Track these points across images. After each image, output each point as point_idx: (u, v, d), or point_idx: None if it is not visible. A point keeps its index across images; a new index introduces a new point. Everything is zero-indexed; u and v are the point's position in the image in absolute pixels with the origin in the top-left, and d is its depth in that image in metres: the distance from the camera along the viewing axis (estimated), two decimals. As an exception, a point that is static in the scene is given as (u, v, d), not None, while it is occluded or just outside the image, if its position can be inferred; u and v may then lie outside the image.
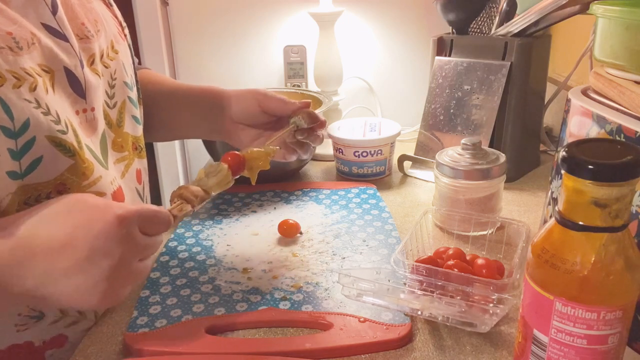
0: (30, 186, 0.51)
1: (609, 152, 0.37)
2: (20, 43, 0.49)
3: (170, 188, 1.43)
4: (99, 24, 0.61)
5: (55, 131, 0.51)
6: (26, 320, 0.54)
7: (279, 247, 0.70)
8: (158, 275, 0.64)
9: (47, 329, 0.56)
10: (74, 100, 0.55)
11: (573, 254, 0.38)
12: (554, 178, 0.60)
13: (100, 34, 0.61)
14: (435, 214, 0.74)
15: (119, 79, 0.63)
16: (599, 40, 0.56)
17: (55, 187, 0.52)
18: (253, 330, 0.55)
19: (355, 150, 0.90)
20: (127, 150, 0.65)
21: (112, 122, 0.62)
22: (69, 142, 0.52)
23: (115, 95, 0.63)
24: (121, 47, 0.65)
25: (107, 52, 0.62)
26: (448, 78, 0.92)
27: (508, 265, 0.60)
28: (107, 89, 0.61)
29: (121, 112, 0.64)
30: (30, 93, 0.49)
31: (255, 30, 1.28)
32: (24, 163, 0.49)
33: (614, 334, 0.39)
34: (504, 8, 0.88)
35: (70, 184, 0.53)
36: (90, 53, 0.58)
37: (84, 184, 0.54)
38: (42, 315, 0.55)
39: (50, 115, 0.51)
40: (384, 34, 1.27)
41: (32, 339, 0.55)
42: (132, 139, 0.66)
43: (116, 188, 0.60)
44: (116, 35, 0.65)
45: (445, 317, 0.52)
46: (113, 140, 0.62)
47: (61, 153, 0.52)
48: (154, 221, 0.48)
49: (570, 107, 0.57)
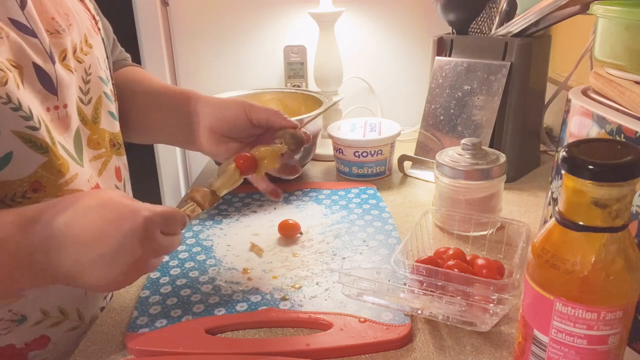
0: (4, 183, 0.51)
1: (609, 152, 0.37)
2: None
3: (170, 188, 1.43)
4: (71, 17, 0.60)
5: (23, 127, 0.50)
6: (8, 325, 0.55)
7: (279, 247, 0.70)
8: (158, 275, 0.64)
9: (30, 331, 0.57)
10: (44, 96, 0.54)
11: (573, 254, 0.38)
12: (554, 178, 0.59)
13: (73, 28, 0.59)
14: (435, 214, 0.74)
15: (93, 73, 0.62)
16: (599, 40, 0.56)
17: (31, 185, 0.53)
18: (253, 330, 0.55)
19: (355, 151, 0.90)
20: (104, 147, 0.64)
21: (87, 118, 0.61)
22: (40, 138, 0.52)
23: (90, 91, 0.62)
24: (95, 41, 0.64)
25: (80, 46, 0.60)
26: (448, 78, 0.92)
27: (508, 266, 0.60)
28: (81, 84, 0.60)
29: (97, 108, 0.63)
30: (1, 87, 0.48)
31: (255, 31, 1.28)
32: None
33: (614, 334, 0.39)
34: (504, 8, 0.88)
35: (46, 182, 0.53)
36: (61, 48, 0.57)
37: (60, 182, 0.54)
38: (25, 318, 0.56)
39: (21, 110, 0.50)
40: (384, 34, 1.27)
41: (14, 341, 0.56)
42: (110, 136, 0.65)
43: (93, 185, 0.59)
44: (89, 29, 0.63)
45: (446, 316, 0.52)
46: (88, 137, 0.61)
47: (32, 150, 0.52)
48: (172, 222, 0.51)
49: (571, 107, 0.57)
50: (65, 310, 0.59)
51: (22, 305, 0.55)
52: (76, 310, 0.60)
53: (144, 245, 0.48)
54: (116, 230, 0.47)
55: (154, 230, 0.48)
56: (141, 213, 0.48)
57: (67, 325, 0.59)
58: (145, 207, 0.49)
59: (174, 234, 0.52)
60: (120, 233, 0.47)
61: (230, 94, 0.98)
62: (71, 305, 0.59)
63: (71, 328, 0.60)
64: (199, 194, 0.57)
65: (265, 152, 0.62)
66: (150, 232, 0.48)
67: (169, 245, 0.51)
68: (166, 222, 0.50)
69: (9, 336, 0.56)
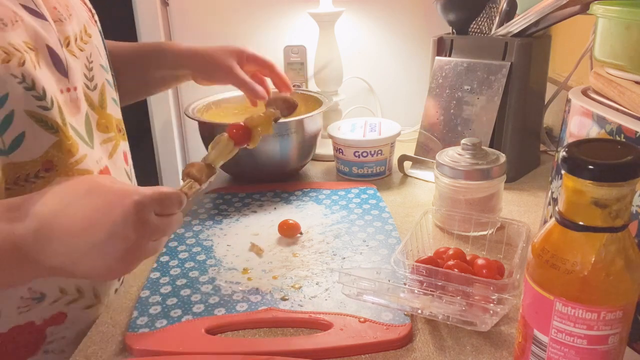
0: (18, 164, 0.52)
1: (609, 152, 0.37)
2: (4, 20, 0.51)
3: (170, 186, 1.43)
4: (70, 8, 0.62)
5: (35, 106, 0.52)
6: (28, 302, 0.57)
7: (279, 247, 0.70)
8: (158, 276, 0.64)
9: (48, 308, 0.58)
10: (57, 78, 0.56)
11: (573, 254, 0.38)
12: (554, 178, 0.59)
13: (72, 18, 0.62)
14: (435, 214, 0.74)
15: (95, 62, 0.64)
16: (599, 40, 0.56)
17: (43, 164, 0.54)
18: (253, 330, 0.55)
19: (355, 151, 0.90)
20: (112, 131, 0.66)
21: (94, 103, 0.63)
22: (50, 118, 0.53)
23: (95, 78, 0.64)
24: (93, 31, 0.66)
25: (80, 35, 0.62)
26: (448, 78, 0.92)
27: (508, 266, 0.60)
28: (86, 71, 0.62)
29: (102, 94, 0.65)
30: (19, 68, 0.50)
31: (255, 30, 1.29)
32: (7, 139, 0.51)
33: (614, 334, 0.39)
34: (504, 8, 0.88)
35: (57, 162, 0.55)
36: (65, 35, 0.59)
37: (70, 162, 0.56)
38: (44, 295, 0.57)
39: (34, 90, 0.52)
40: (384, 34, 1.27)
41: (34, 318, 0.57)
42: (116, 121, 0.67)
43: (102, 167, 0.61)
44: (87, 20, 0.65)
45: (446, 316, 0.52)
46: (97, 122, 0.63)
47: (43, 129, 0.53)
48: (167, 203, 0.50)
49: (571, 107, 0.57)
50: (82, 289, 0.61)
51: (41, 284, 0.57)
52: (92, 290, 0.62)
53: (137, 230, 0.46)
54: (106, 217, 0.46)
55: (147, 213, 0.47)
56: (131, 197, 0.47)
57: (83, 303, 0.61)
58: (136, 190, 0.48)
59: (171, 215, 0.51)
60: (111, 220, 0.46)
61: (230, 94, 0.98)
62: (88, 285, 0.61)
63: (87, 306, 0.61)
64: (195, 168, 0.56)
65: (258, 120, 0.61)
66: (142, 215, 0.47)
67: (167, 227, 0.50)
68: (160, 204, 0.49)
69: (29, 313, 0.57)
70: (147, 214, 0.47)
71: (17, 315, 0.56)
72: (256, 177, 0.91)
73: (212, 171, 0.57)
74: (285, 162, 0.89)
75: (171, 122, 1.40)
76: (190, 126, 1.44)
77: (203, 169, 0.56)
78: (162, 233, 0.50)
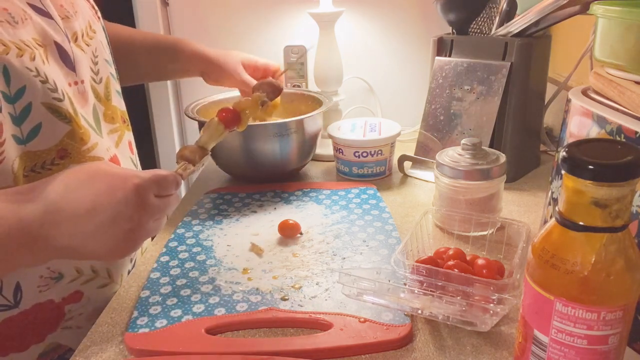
0: (34, 153, 0.56)
1: (609, 152, 0.37)
2: (15, 18, 0.54)
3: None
4: (75, 5, 0.66)
5: (51, 98, 0.56)
6: (47, 282, 0.61)
7: (279, 247, 0.70)
8: (158, 276, 0.64)
9: (66, 287, 0.63)
10: (65, 73, 0.60)
11: (573, 254, 0.38)
12: (554, 178, 0.59)
13: (78, 15, 0.65)
14: (435, 214, 0.74)
15: (100, 56, 0.68)
16: (599, 40, 0.56)
17: (58, 152, 0.58)
18: (253, 330, 0.55)
19: (355, 151, 0.90)
20: (118, 122, 0.70)
21: (101, 96, 0.67)
22: (64, 108, 0.57)
23: (100, 72, 0.68)
24: (97, 27, 0.70)
25: (85, 31, 0.66)
26: (448, 78, 0.92)
27: (508, 266, 0.60)
28: (92, 65, 0.66)
29: (107, 87, 0.69)
30: (31, 62, 0.54)
31: (255, 30, 1.28)
32: (25, 129, 0.55)
33: (614, 335, 0.39)
34: (504, 8, 0.88)
35: (71, 150, 0.59)
36: (73, 31, 0.63)
37: (83, 149, 0.60)
38: (62, 275, 0.62)
39: (48, 83, 0.55)
40: (384, 34, 1.27)
41: (53, 296, 0.61)
42: (120, 113, 0.71)
43: (112, 155, 0.65)
44: (92, 16, 0.69)
45: (446, 316, 0.52)
46: (104, 113, 0.67)
47: (58, 119, 0.57)
48: (165, 184, 0.53)
49: (571, 107, 0.57)
50: (97, 269, 0.66)
51: (59, 264, 0.62)
52: (106, 270, 0.67)
53: (139, 210, 0.50)
54: (109, 200, 0.49)
55: (147, 195, 0.50)
56: (132, 180, 0.50)
57: (98, 282, 0.65)
58: (135, 174, 0.51)
59: (169, 195, 0.54)
60: (114, 202, 0.48)
61: (230, 94, 0.98)
62: (102, 265, 0.66)
63: (102, 285, 0.66)
64: (187, 150, 0.59)
65: (245, 103, 0.66)
66: (143, 197, 0.50)
67: (166, 206, 0.53)
68: (158, 185, 0.52)
69: (49, 292, 0.61)
70: (147, 195, 0.50)
71: (37, 294, 0.60)
72: (256, 177, 0.91)
73: (205, 152, 0.61)
74: (285, 162, 0.89)
75: (171, 122, 1.40)
76: (190, 126, 1.44)
77: (196, 151, 0.60)
78: (162, 213, 0.53)
